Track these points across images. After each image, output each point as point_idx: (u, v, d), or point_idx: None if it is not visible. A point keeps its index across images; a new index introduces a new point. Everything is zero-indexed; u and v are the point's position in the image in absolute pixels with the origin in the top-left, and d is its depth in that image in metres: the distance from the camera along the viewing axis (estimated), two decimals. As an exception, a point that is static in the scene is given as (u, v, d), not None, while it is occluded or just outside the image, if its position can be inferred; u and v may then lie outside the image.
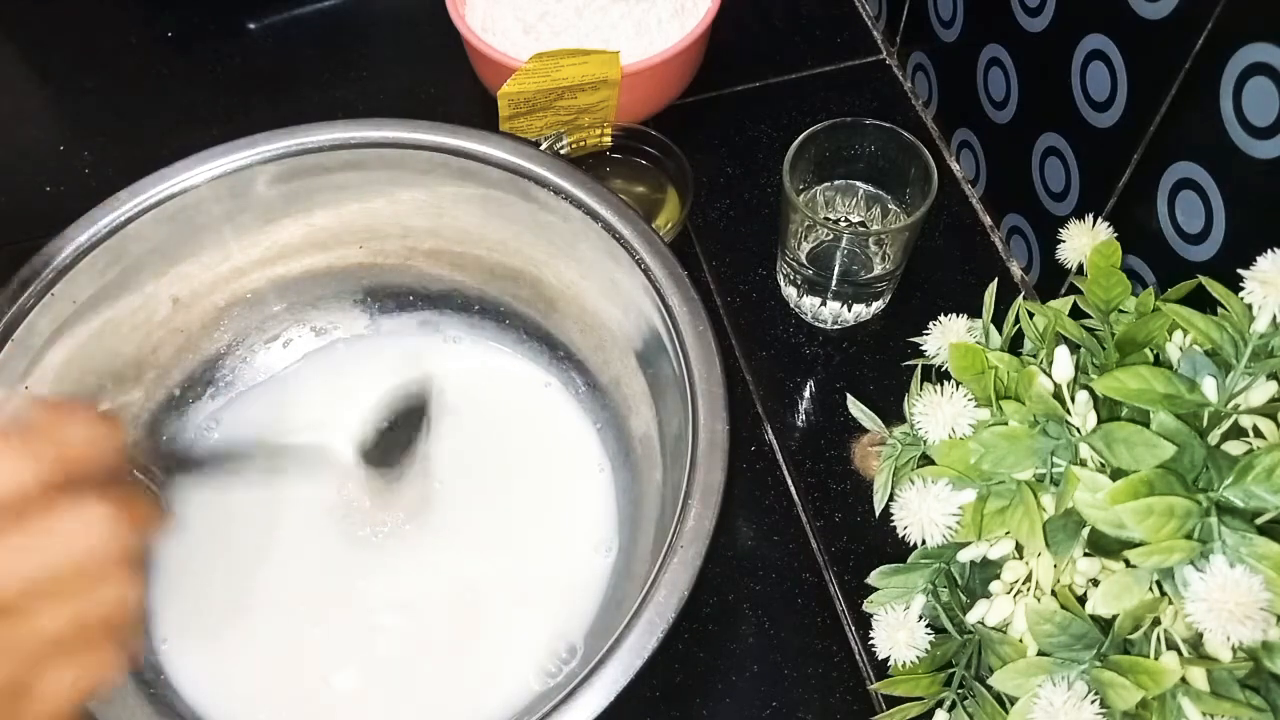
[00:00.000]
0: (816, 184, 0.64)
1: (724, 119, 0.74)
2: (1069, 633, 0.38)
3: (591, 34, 0.69)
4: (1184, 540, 0.35)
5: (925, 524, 0.39)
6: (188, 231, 0.55)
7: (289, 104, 0.76)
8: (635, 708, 0.53)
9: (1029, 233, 0.65)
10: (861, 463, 0.60)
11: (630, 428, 0.57)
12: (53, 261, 0.51)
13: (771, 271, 0.67)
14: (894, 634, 0.42)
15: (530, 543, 0.56)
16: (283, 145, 0.54)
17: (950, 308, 0.47)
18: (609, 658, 0.41)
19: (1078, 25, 0.55)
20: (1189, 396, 0.38)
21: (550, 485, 0.58)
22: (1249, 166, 0.46)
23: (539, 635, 0.53)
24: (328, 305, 0.62)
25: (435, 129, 0.55)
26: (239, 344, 0.61)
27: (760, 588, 0.57)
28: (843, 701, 0.53)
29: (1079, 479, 0.37)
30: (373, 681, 0.52)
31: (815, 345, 0.65)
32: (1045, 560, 0.40)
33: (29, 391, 0.50)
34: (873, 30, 0.79)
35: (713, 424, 0.46)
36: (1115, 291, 0.44)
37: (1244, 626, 0.33)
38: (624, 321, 0.54)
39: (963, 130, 0.70)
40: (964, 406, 0.40)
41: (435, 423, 0.59)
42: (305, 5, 0.81)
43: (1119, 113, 0.53)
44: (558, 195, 0.53)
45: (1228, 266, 0.39)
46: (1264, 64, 0.44)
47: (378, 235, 0.59)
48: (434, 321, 0.63)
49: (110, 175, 0.54)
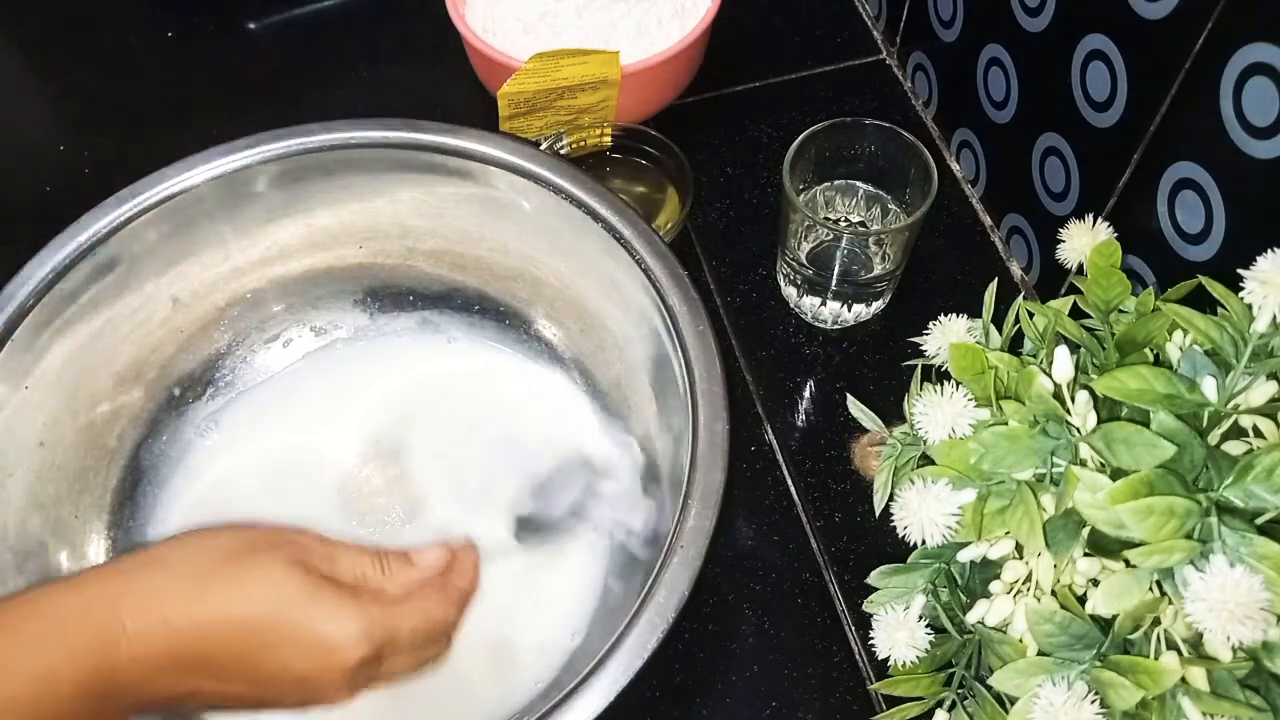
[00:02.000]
0: (816, 184, 0.64)
1: (724, 119, 0.74)
2: (1069, 633, 0.38)
3: (591, 34, 0.69)
4: (1184, 540, 0.35)
5: (925, 524, 0.39)
6: (188, 231, 0.55)
7: (289, 104, 0.76)
8: (635, 708, 0.53)
9: (1029, 233, 0.65)
10: (861, 463, 0.60)
11: (630, 428, 0.57)
12: (53, 261, 0.51)
13: (771, 271, 0.67)
14: (894, 634, 0.42)
15: (529, 541, 0.56)
16: (283, 145, 0.54)
17: (950, 308, 0.47)
18: (609, 658, 0.41)
19: (1078, 25, 0.55)
20: (1189, 396, 0.38)
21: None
22: (1249, 166, 0.46)
23: (539, 635, 0.53)
24: (328, 305, 0.62)
25: (435, 129, 0.55)
26: (239, 344, 0.61)
27: (760, 588, 0.57)
28: (843, 701, 0.53)
29: (1079, 479, 0.37)
30: (373, 681, 0.52)
31: (815, 345, 0.65)
32: (1045, 560, 0.40)
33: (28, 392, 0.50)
34: (873, 30, 0.79)
35: (713, 424, 0.46)
36: (1115, 291, 0.44)
37: (1244, 626, 0.33)
38: (624, 321, 0.54)
39: (963, 130, 0.70)
40: (964, 406, 0.40)
41: (435, 424, 0.59)
42: (305, 5, 0.81)
43: (1119, 113, 0.53)
44: (558, 195, 0.53)
45: (1228, 266, 0.39)
46: (1264, 64, 0.44)
47: (378, 235, 0.59)
48: (434, 321, 0.63)
49: (110, 175, 0.53)
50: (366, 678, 0.39)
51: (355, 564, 0.41)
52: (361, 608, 0.38)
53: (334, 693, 0.39)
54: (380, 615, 0.39)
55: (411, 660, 0.41)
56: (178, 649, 0.36)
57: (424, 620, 0.40)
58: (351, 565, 0.41)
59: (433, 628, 0.41)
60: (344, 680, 0.38)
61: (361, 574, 0.41)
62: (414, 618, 0.40)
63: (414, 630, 0.40)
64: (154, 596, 0.36)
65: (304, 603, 0.37)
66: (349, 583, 0.40)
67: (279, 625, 0.37)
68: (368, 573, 0.41)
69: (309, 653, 0.37)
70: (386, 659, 0.39)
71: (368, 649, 0.38)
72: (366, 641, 0.38)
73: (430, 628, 0.41)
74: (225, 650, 0.37)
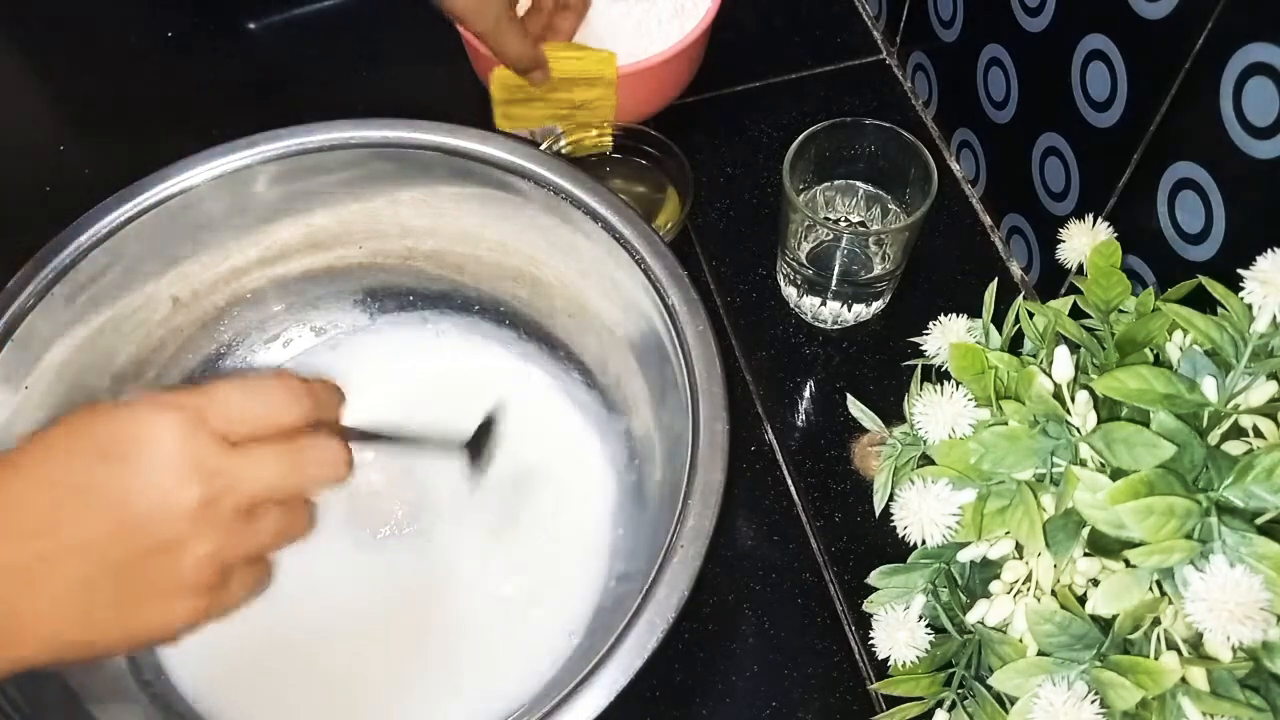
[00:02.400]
0: (816, 184, 0.64)
1: (724, 119, 0.74)
2: (1069, 633, 0.38)
3: (591, 34, 0.69)
4: (1184, 540, 0.35)
5: (925, 524, 0.39)
6: (188, 231, 0.55)
7: (289, 104, 0.76)
8: (635, 708, 0.53)
9: (1029, 233, 0.65)
10: (861, 463, 0.60)
11: (630, 428, 0.57)
12: (53, 261, 0.51)
13: (771, 271, 0.67)
14: (894, 634, 0.42)
15: (530, 542, 0.56)
16: (283, 145, 0.54)
17: (950, 308, 0.47)
18: (609, 657, 0.41)
19: (1078, 25, 0.55)
20: (1189, 396, 0.38)
21: (550, 485, 0.57)
22: (1249, 166, 0.46)
23: (539, 634, 0.53)
24: (327, 305, 0.62)
25: (435, 129, 0.55)
26: (239, 344, 0.61)
27: (760, 588, 0.57)
28: (843, 701, 0.53)
29: (1079, 479, 0.37)
30: (374, 681, 0.52)
31: (815, 345, 0.65)
32: (1045, 560, 0.40)
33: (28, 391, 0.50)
34: (873, 30, 0.79)
35: (713, 424, 0.46)
36: (1115, 291, 0.44)
37: (1244, 626, 0.33)
38: (624, 321, 0.54)
39: (963, 130, 0.70)
40: (964, 406, 0.40)
41: (435, 423, 0.59)
42: (305, 5, 0.81)
43: (1119, 113, 0.53)
44: (558, 195, 0.53)
45: (1228, 266, 0.39)
46: (1264, 64, 0.44)
47: (378, 235, 0.59)
48: (434, 321, 0.63)
49: (110, 175, 0.53)
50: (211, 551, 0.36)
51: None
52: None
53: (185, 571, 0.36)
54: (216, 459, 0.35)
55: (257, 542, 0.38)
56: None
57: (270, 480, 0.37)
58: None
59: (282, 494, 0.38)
60: (186, 529, 0.35)
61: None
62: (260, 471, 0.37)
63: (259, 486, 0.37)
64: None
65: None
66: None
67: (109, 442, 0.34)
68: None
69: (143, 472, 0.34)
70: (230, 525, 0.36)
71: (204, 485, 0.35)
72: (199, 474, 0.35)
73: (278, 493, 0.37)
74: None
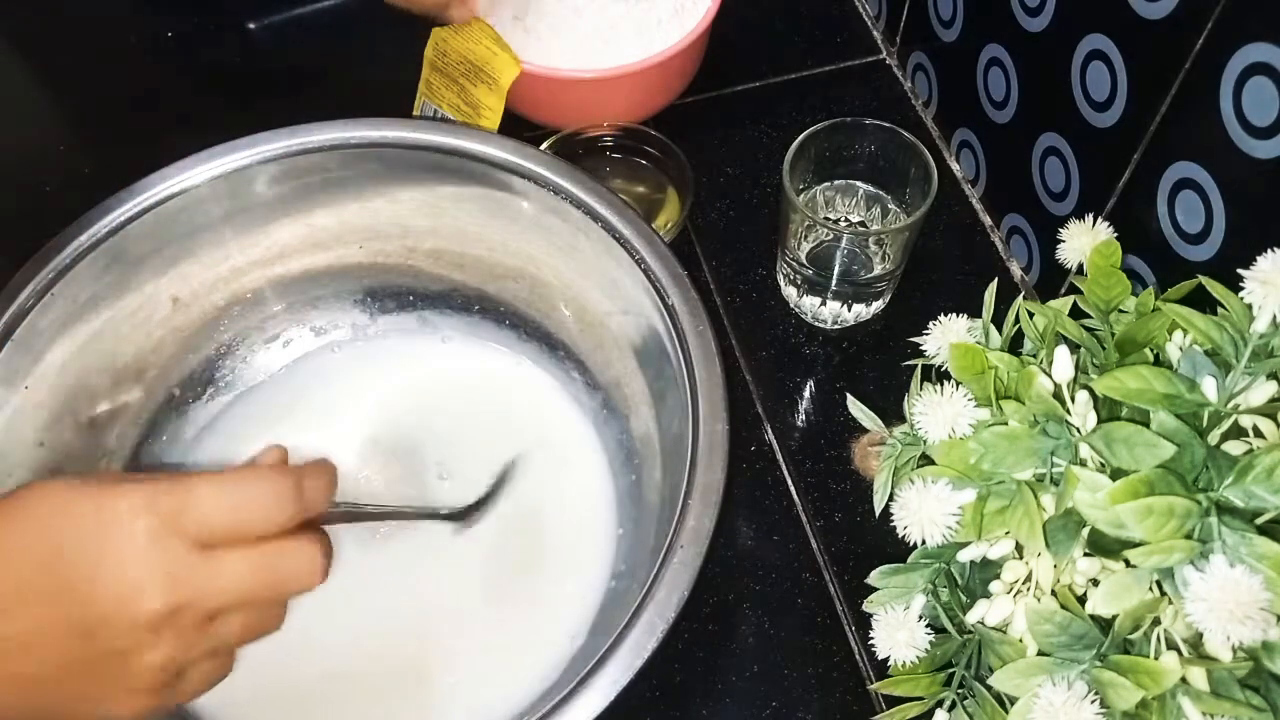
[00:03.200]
0: (816, 184, 0.64)
1: (724, 119, 0.74)
2: (1069, 633, 0.38)
3: (591, 34, 0.69)
4: (1184, 540, 0.35)
5: (925, 524, 0.39)
6: (188, 231, 0.55)
7: (289, 104, 0.75)
8: (635, 707, 0.53)
9: (1029, 233, 0.65)
10: (861, 463, 0.60)
11: (630, 428, 0.57)
12: (53, 261, 0.51)
13: (771, 271, 0.67)
14: (894, 634, 0.42)
15: (530, 542, 0.56)
16: (283, 145, 0.54)
17: (950, 308, 0.47)
18: (609, 657, 0.41)
19: (1078, 25, 0.55)
20: (1189, 396, 0.38)
21: (550, 486, 0.57)
22: (1249, 166, 0.46)
23: (539, 634, 0.53)
24: (327, 305, 0.62)
25: (435, 129, 0.55)
26: (239, 344, 0.61)
27: (760, 588, 0.57)
28: (843, 701, 0.53)
29: (1079, 479, 0.37)
30: (374, 682, 0.52)
31: (815, 345, 0.65)
32: (1045, 560, 0.40)
33: (32, 394, 0.50)
34: (873, 30, 0.79)
35: (713, 424, 0.46)
36: (1115, 291, 0.44)
37: (1244, 626, 0.33)
38: (624, 321, 0.54)
39: (963, 130, 0.70)
40: (964, 406, 0.40)
41: (434, 423, 0.59)
42: (305, 5, 0.81)
43: (1119, 113, 0.53)
44: (558, 195, 0.53)
45: (1228, 266, 0.39)
46: (1264, 64, 0.44)
47: (378, 235, 0.59)
48: (434, 321, 0.63)
49: (110, 175, 0.53)
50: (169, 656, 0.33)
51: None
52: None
53: (131, 676, 0.33)
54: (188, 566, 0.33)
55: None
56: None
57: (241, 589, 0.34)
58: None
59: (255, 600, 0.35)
60: (144, 638, 0.32)
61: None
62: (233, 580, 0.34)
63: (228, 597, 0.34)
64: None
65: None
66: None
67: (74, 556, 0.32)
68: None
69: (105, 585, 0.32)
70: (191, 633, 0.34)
71: (170, 598, 0.32)
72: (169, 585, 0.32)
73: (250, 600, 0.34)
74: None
